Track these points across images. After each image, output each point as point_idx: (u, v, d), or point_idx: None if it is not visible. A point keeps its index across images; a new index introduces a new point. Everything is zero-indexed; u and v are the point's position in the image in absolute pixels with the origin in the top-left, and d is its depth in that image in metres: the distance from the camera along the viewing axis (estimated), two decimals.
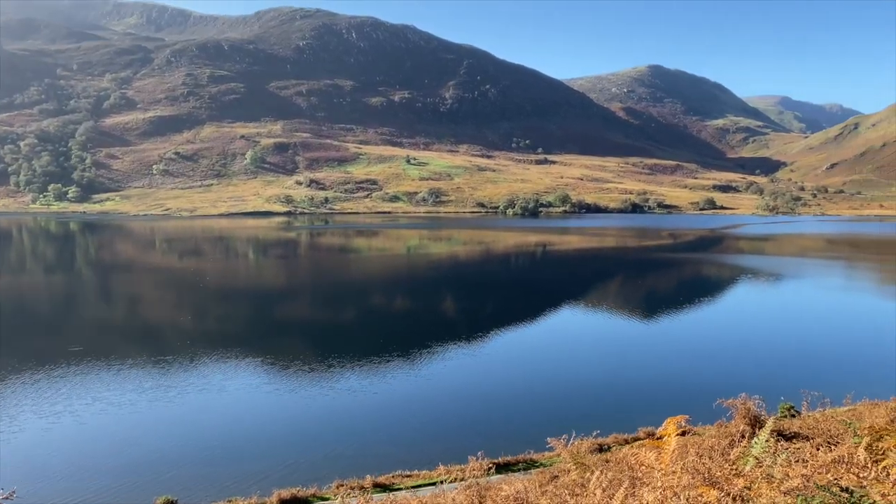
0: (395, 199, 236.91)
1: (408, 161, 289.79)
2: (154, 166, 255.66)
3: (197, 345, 34.62)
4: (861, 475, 3.07)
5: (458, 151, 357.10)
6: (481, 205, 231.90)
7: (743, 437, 10.30)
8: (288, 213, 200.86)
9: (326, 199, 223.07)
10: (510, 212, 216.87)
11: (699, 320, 44.24)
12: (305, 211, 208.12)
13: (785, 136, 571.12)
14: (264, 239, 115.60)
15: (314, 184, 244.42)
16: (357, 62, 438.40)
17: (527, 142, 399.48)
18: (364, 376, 28.40)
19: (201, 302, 49.45)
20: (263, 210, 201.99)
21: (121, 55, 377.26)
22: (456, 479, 13.33)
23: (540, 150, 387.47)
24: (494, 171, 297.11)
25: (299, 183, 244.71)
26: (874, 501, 2.64)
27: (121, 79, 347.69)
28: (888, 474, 2.62)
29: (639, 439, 19.17)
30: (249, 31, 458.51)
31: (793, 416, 16.28)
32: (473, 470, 13.74)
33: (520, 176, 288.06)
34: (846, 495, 2.71)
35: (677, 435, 15.96)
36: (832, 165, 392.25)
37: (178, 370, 29.02)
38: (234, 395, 25.92)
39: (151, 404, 24.46)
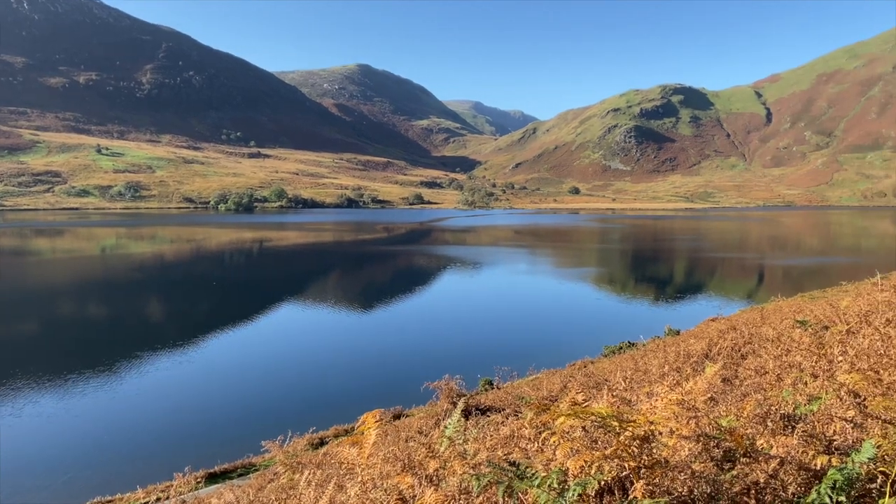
0: (84, 193, 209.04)
1: (99, 151, 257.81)
2: None
3: None
4: (528, 447, 3.53)
5: (160, 142, 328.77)
6: (189, 200, 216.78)
7: (447, 415, 11.21)
8: None
9: None
10: (222, 207, 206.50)
11: (412, 308, 47.04)
12: None
13: (479, 137, 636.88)
14: None
15: None
16: (30, 36, 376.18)
17: (238, 134, 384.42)
18: (56, 397, 24.63)
19: None
20: None
21: None
22: (160, 498, 12.23)
23: (252, 143, 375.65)
24: (203, 163, 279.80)
25: None
26: (536, 471, 3.01)
27: None
28: (548, 444, 3.03)
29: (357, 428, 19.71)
30: None
31: (487, 389, 18.24)
32: (180, 486, 12.74)
33: (232, 170, 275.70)
34: (514, 468, 3.05)
35: (391, 421, 16.71)
36: (517, 165, 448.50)
37: None
38: None
39: None
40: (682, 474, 3.01)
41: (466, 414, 11.12)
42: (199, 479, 14.68)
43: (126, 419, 23.37)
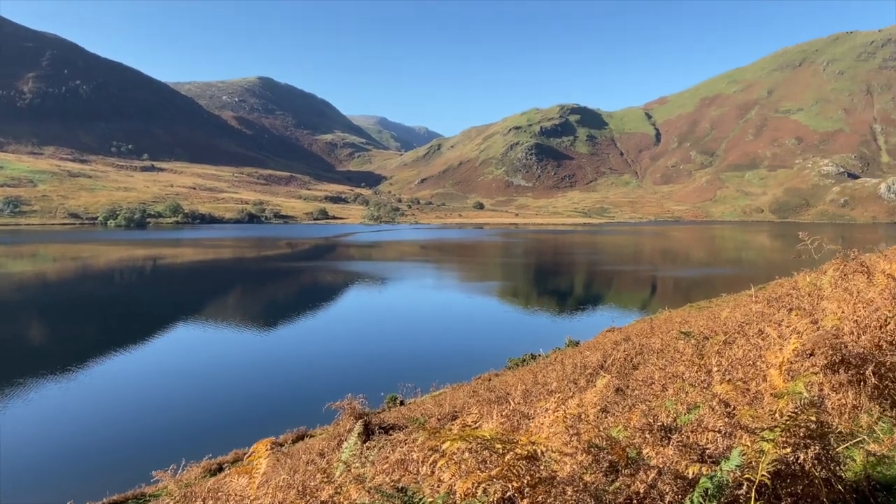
0: None
1: None
2: None
3: None
4: (419, 471, 3.54)
5: (42, 154, 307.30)
6: (75, 216, 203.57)
7: (349, 435, 11.04)
8: None
9: None
10: (112, 223, 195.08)
11: (319, 326, 46.19)
12: None
13: (384, 153, 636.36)
14: None
15: None
16: None
17: (129, 146, 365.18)
18: None
19: None
20: None
21: None
22: None
23: (146, 156, 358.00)
24: (91, 177, 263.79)
25: None
26: (424, 495, 3.01)
27: None
28: (438, 467, 3.05)
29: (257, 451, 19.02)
30: None
31: (391, 407, 18.13)
32: None
33: (123, 184, 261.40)
34: (402, 494, 3.05)
35: (293, 443, 16.23)
36: (423, 180, 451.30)
37: None
38: None
39: None
40: (570, 488, 3.10)
41: (370, 433, 11.00)
42: None
43: (10, 448, 21.51)
